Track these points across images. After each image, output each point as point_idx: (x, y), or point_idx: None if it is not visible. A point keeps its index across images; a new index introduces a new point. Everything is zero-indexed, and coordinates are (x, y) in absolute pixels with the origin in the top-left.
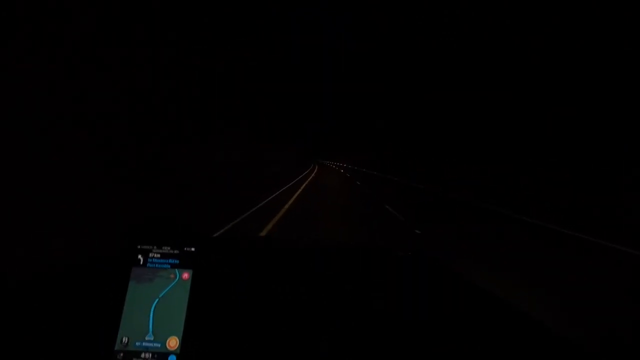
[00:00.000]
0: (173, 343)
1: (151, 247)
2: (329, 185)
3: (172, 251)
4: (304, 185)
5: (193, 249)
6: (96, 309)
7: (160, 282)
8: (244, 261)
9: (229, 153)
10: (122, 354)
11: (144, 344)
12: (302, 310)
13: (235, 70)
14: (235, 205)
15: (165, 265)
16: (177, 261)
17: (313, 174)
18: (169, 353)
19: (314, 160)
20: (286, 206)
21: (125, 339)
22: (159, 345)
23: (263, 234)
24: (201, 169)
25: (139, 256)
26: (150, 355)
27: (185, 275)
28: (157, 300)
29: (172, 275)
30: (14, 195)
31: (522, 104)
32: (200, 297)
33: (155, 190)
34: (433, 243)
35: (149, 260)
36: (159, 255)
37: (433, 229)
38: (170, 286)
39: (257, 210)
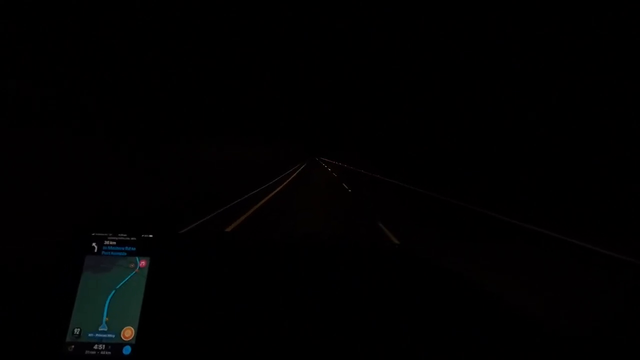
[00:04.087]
0: (128, 333)
1: (106, 234)
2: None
3: (129, 238)
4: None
5: (151, 236)
6: (46, 299)
7: (117, 272)
8: (204, 250)
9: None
10: (73, 346)
11: (97, 335)
12: (267, 303)
13: (234, 69)
14: None
15: (121, 253)
16: (133, 248)
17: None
18: (123, 344)
19: (309, 159)
20: None
21: (77, 330)
22: (114, 335)
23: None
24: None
25: (93, 244)
26: (104, 346)
27: (142, 263)
28: (114, 291)
29: (131, 265)
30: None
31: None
32: (158, 286)
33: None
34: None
35: (104, 248)
36: (114, 243)
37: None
38: (129, 276)
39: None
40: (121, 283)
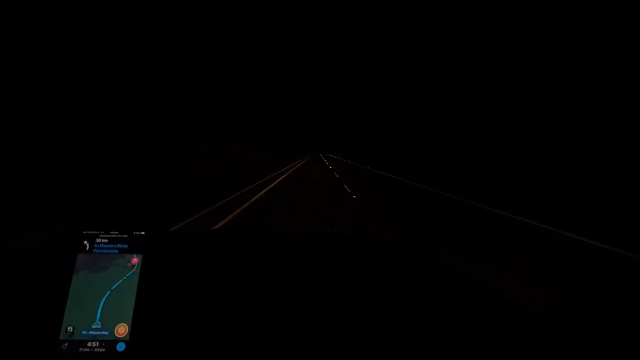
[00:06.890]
0: (122, 330)
1: (98, 232)
2: None
3: (120, 235)
4: None
5: (143, 233)
6: (39, 298)
7: (112, 271)
8: (196, 246)
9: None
10: (66, 344)
11: (90, 332)
12: (262, 297)
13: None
14: None
15: (113, 251)
16: (126, 246)
17: None
18: (117, 341)
19: (312, 155)
20: None
21: (70, 328)
22: (107, 333)
23: None
24: None
25: (85, 242)
26: (98, 343)
27: (135, 260)
28: (109, 291)
29: (126, 263)
30: None
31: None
32: (151, 283)
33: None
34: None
35: (96, 245)
36: (106, 240)
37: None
38: (124, 276)
39: None
40: (117, 283)
